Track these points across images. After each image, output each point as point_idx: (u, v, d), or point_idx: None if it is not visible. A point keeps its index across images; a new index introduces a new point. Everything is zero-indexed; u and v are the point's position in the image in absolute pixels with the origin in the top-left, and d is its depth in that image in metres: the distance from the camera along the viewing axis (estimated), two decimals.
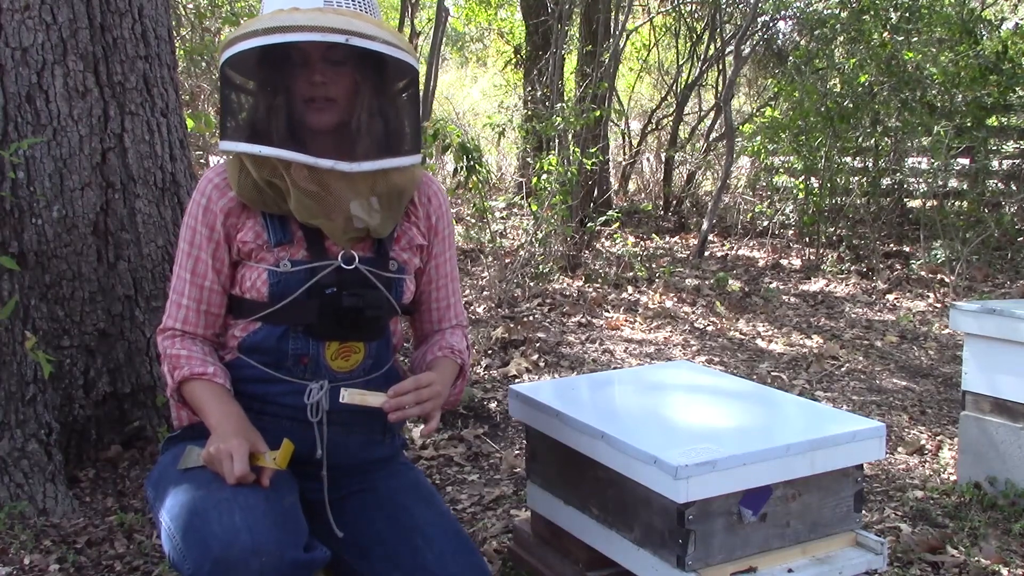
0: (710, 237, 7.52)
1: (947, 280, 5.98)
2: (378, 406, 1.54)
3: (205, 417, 1.60)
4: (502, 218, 7.29)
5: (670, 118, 9.67)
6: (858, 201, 7.45)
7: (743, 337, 4.76)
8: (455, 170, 5.06)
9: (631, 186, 10.34)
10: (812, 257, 7.02)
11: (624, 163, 10.01)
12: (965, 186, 7.45)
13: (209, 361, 1.66)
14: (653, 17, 10.31)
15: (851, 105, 6.86)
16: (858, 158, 7.70)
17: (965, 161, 7.46)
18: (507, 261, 5.54)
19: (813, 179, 7.28)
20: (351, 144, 1.64)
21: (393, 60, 1.61)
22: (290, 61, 1.60)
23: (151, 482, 1.68)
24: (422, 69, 10.54)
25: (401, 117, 1.69)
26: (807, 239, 7.31)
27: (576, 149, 6.54)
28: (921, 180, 7.41)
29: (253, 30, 1.55)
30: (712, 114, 9.56)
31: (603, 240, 7.24)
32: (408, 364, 1.89)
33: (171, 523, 1.51)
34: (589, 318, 4.92)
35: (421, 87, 9.56)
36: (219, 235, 1.66)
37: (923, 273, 6.29)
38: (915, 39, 7.13)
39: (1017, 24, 7.98)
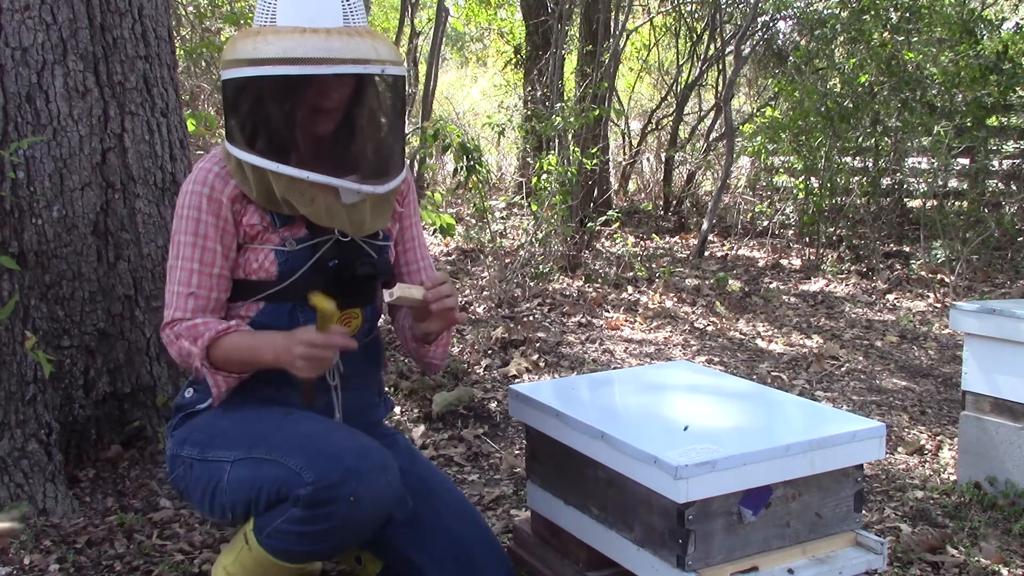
0: (710, 237, 7.51)
1: (947, 280, 5.98)
2: (421, 298, 1.67)
3: (255, 353, 1.64)
4: (502, 218, 7.28)
5: (670, 118, 9.66)
6: (858, 201, 7.44)
7: (743, 337, 4.76)
8: (455, 170, 5.06)
9: (631, 186, 10.33)
10: (812, 257, 7.02)
11: (624, 163, 10.01)
12: (965, 186, 7.45)
13: (224, 321, 1.71)
14: (653, 17, 10.31)
15: (851, 105, 6.85)
16: (858, 158, 7.70)
17: (965, 161, 7.46)
18: (507, 261, 5.54)
19: (813, 179, 7.28)
20: (371, 164, 1.75)
21: (402, 81, 1.76)
22: (317, 87, 1.66)
23: (187, 444, 1.73)
24: (422, 69, 10.55)
25: (401, 132, 1.82)
26: (807, 239, 7.31)
27: (576, 149, 6.54)
28: (921, 180, 7.41)
29: (294, 58, 1.60)
30: (712, 114, 9.55)
31: (603, 240, 7.24)
32: (395, 335, 2.03)
33: (271, 451, 1.58)
34: (589, 318, 4.92)
35: (421, 87, 9.49)
36: (225, 221, 1.71)
37: (923, 273, 6.29)
38: (915, 39, 7.12)
39: (1017, 24, 7.97)
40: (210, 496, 1.68)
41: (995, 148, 7.47)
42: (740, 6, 9.21)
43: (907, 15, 7.01)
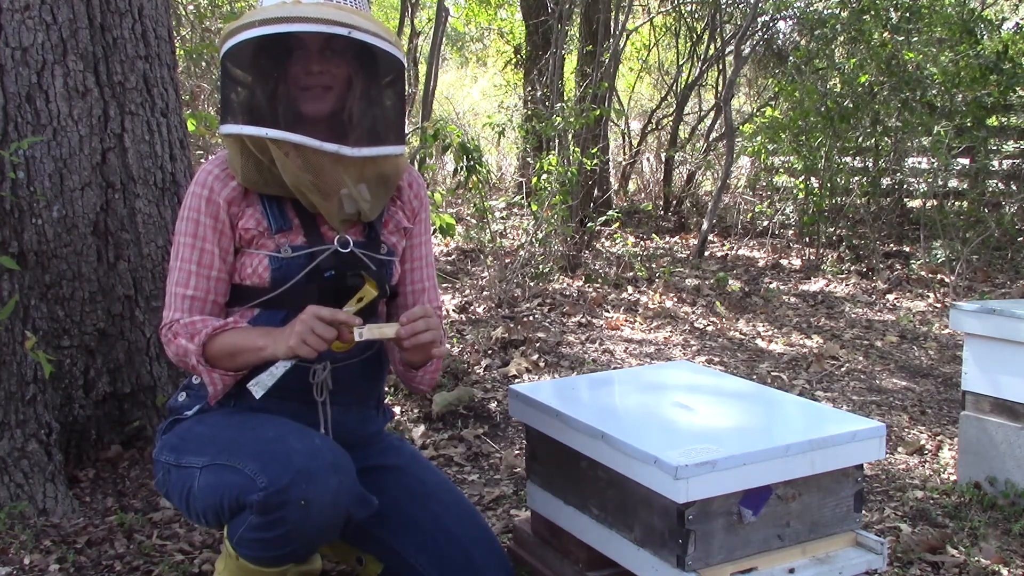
0: (710, 237, 7.51)
1: (947, 280, 5.98)
2: (394, 336, 1.64)
3: (253, 343, 1.62)
4: (502, 218, 7.28)
5: (670, 118, 9.66)
6: (858, 201, 7.44)
7: (743, 337, 4.76)
8: (455, 170, 5.06)
9: (631, 186, 10.33)
10: (812, 257, 7.02)
11: (624, 163, 10.01)
12: (965, 186, 7.45)
13: (222, 319, 1.71)
14: (653, 17, 10.31)
15: (851, 105, 6.86)
16: (858, 158, 7.70)
17: (965, 161, 7.46)
18: (507, 261, 5.54)
19: (813, 179, 7.28)
20: (350, 130, 1.71)
21: (386, 55, 1.70)
22: (292, 50, 1.68)
23: (166, 449, 1.73)
24: (422, 69, 10.55)
25: (393, 108, 1.77)
26: (807, 239, 7.31)
27: (576, 149, 6.54)
28: (921, 180, 7.41)
29: (263, 19, 1.62)
30: (712, 114, 9.55)
31: (603, 240, 7.24)
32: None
33: (231, 458, 1.56)
34: (589, 318, 4.92)
35: (421, 87, 9.46)
36: (223, 224, 1.71)
37: (923, 273, 6.29)
38: (915, 39, 7.12)
39: (1017, 24, 7.97)
40: (186, 502, 1.68)
41: (995, 148, 7.47)
42: (740, 6, 9.22)
43: (907, 15, 7.01)
